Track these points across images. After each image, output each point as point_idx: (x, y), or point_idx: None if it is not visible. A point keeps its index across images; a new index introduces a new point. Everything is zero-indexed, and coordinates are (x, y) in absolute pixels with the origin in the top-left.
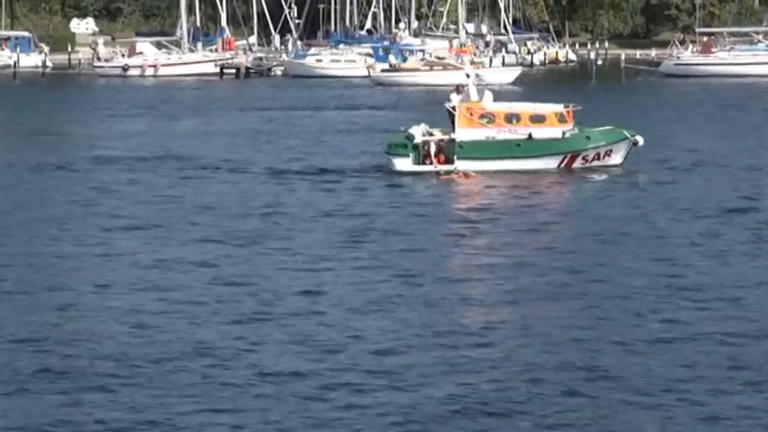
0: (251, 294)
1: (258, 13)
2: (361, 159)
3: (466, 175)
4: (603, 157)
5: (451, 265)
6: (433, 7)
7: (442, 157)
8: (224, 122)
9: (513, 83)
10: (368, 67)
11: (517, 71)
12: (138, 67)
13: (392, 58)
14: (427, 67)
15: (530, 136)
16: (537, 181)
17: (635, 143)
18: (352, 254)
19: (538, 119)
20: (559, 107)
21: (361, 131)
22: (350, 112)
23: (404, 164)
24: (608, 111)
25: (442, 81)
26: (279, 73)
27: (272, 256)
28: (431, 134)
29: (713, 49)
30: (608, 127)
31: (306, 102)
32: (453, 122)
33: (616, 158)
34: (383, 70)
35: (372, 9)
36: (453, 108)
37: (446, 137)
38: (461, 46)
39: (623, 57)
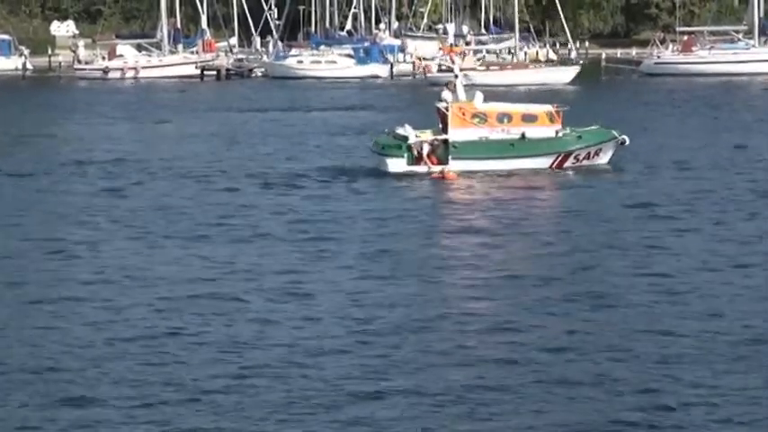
0: (242, 310)
1: (239, 15)
2: (351, 160)
3: (443, 174)
4: (593, 156)
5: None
6: (413, 7)
7: (435, 158)
8: (205, 125)
9: (572, 82)
10: (423, 68)
11: (575, 70)
12: (119, 69)
13: (445, 58)
14: (483, 68)
15: (523, 136)
16: (530, 181)
17: (622, 142)
18: (364, 265)
19: (530, 118)
20: (549, 107)
21: (347, 132)
22: (333, 113)
23: (398, 165)
24: (589, 110)
25: (499, 81)
26: (259, 74)
27: (251, 262)
28: (416, 135)
29: (693, 48)
30: (595, 126)
31: (288, 103)
32: (444, 122)
33: (604, 158)
34: (439, 70)
35: (353, 10)
36: (446, 108)
37: (439, 137)
38: (452, 45)
39: (603, 56)
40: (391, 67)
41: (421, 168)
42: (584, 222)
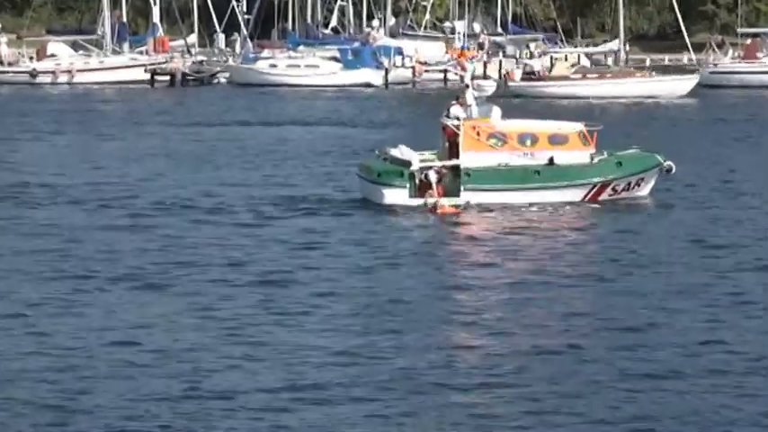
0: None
1: (199, 8)
2: (336, 189)
3: (435, 207)
4: (633, 187)
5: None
6: (414, 1)
7: (441, 188)
8: (155, 142)
9: (689, 95)
10: (505, 75)
11: (694, 80)
12: (50, 72)
13: (531, 63)
14: (579, 75)
15: (551, 161)
16: (559, 217)
17: (668, 170)
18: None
19: (558, 140)
20: (580, 126)
21: (331, 154)
22: (314, 130)
23: (397, 196)
24: (627, 129)
25: (598, 93)
26: (223, 80)
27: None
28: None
29: (759, 54)
30: (633, 150)
31: (257, 116)
32: (453, 144)
33: (645, 189)
34: (523, 78)
35: (339, 2)
36: (456, 126)
37: (448, 163)
38: (463, 48)
39: (648, 62)
40: (386, 74)
41: (423, 201)
42: (625, 274)
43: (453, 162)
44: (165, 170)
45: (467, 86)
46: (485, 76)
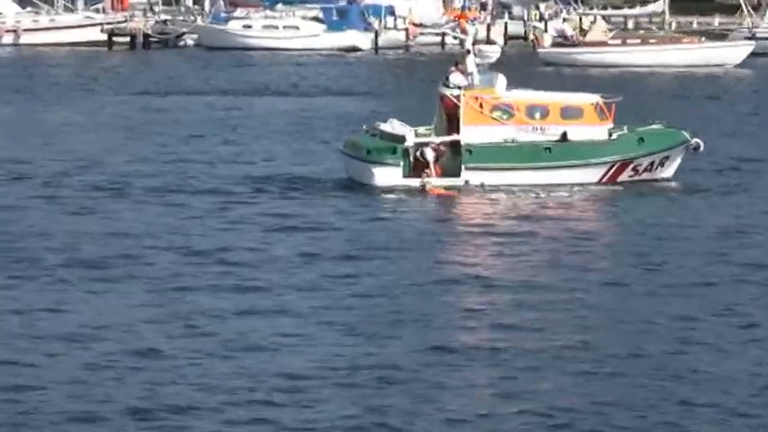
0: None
1: None
2: (320, 168)
3: (424, 187)
4: (656, 167)
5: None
6: None
7: (440, 168)
8: (112, 112)
9: (743, 64)
10: (533, 39)
11: (749, 47)
12: None
13: (561, 27)
14: (618, 41)
15: (564, 137)
16: (572, 201)
17: (695, 148)
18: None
19: (572, 113)
20: (596, 97)
21: (314, 127)
22: (294, 101)
23: (390, 176)
24: (649, 103)
25: (641, 61)
26: (191, 43)
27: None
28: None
29: None
30: (657, 125)
31: (229, 84)
32: (450, 116)
33: (670, 169)
34: (554, 44)
35: None
36: (457, 97)
37: (447, 139)
38: (463, 9)
39: (674, 26)
40: (375, 36)
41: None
42: (647, 268)
43: (453, 138)
44: (123, 144)
45: (468, 52)
46: (488, 41)
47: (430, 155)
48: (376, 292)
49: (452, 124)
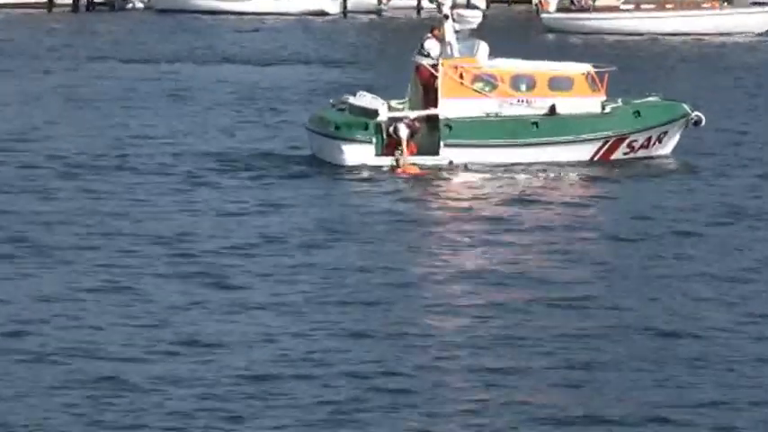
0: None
1: None
2: (284, 145)
3: (398, 166)
4: (654, 143)
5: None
6: None
7: (415, 145)
8: (53, 81)
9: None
10: (537, 4)
11: None
12: None
13: None
14: (631, 6)
15: (552, 110)
16: (561, 180)
17: (696, 122)
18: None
19: (562, 84)
20: (588, 67)
21: (277, 100)
22: (255, 70)
23: (361, 154)
24: (653, 73)
25: (657, 28)
26: (140, 5)
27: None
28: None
29: None
30: (654, 98)
31: (183, 52)
32: (426, 87)
33: (668, 146)
34: (559, 9)
35: None
36: (433, 66)
37: (423, 113)
38: None
39: None
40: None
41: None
42: (643, 255)
43: (430, 112)
44: (65, 117)
45: (446, 17)
46: (468, 5)
47: (403, 132)
48: (344, 282)
49: (429, 97)
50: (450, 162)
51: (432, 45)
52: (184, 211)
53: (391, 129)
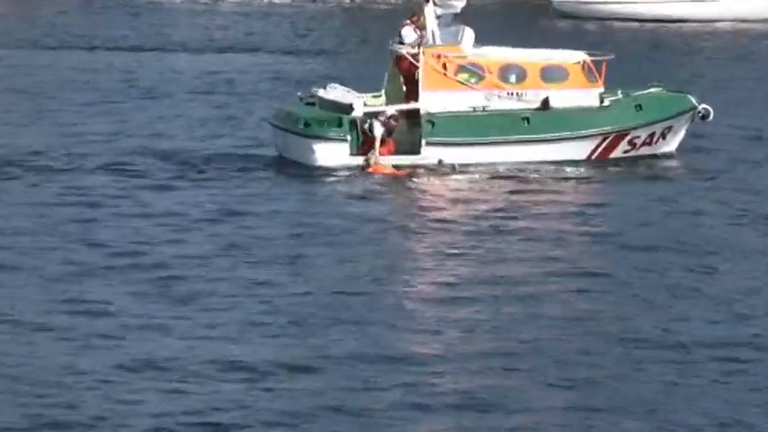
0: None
1: None
2: (248, 143)
3: (368, 165)
4: (657, 139)
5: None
6: None
7: (393, 143)
8: None
9: None
10: None
11: None
12: None
13: None
14: None
15: (545, 103)
16: (556, 182)
17: (703, 116)
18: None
19: (555, 75)
20: (583, 55)
21: (240, 92)
22: (214, 59)
23: (335, 153)
24: (653, 62)
25: (682, 13)
26: None
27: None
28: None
29: None
30: (656, 88)
31: (134, 38)
32: (406, 79)
33: (672, 143)
34: None
35: None
36: (413, 56)
37: (401, 107)
38: None
39: None
40: None
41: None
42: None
43: (410, 106)
44: (3, 111)
45: (426, 1)
46: None
47: (378, 130)
48: (311, 298)
49: (409, 90)
50: (440, 162)
51: (408, 32)
52: (133, 216)
53: (366, 126)
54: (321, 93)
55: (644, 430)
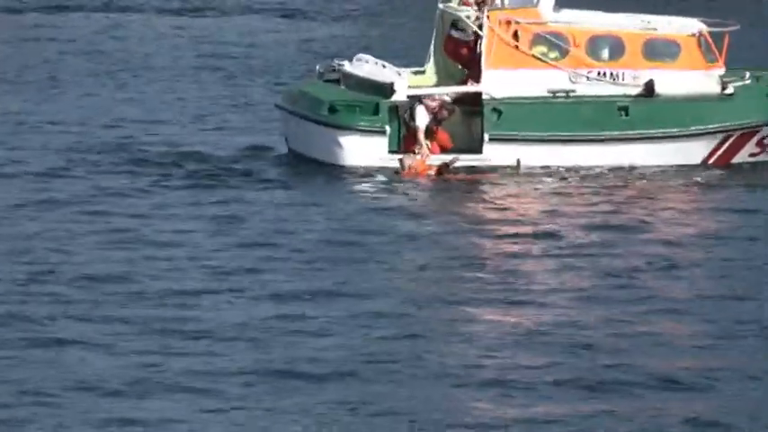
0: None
1: None
2: (250, 138)
3: (405, 166)
4: None
5: None
6: None
7: (446, 137)
8: None
9: None
10: None
11: None
12: None
13: None
14: None
15: (649, 89)
16: (666, 194)
17: None
18: None
19: (662, 50)
20: (699, 25)
21: (235, 70)
22: (204, 25)
23: (368, 151)
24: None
25: None
26: None
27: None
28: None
29: None
30: None
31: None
32: (464, 56)
33: None
34: None
35: None
36: (477, 18)
37: (460, 89)
38: None
39: None
40: None
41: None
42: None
43: (469, 88)
44: None
45: None
46: None
47: (422, 117)
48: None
49: (469, 66)
50: (518, 163)
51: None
52: (96, 233)
53: (406, 114)
54: (348, 67)
55: None
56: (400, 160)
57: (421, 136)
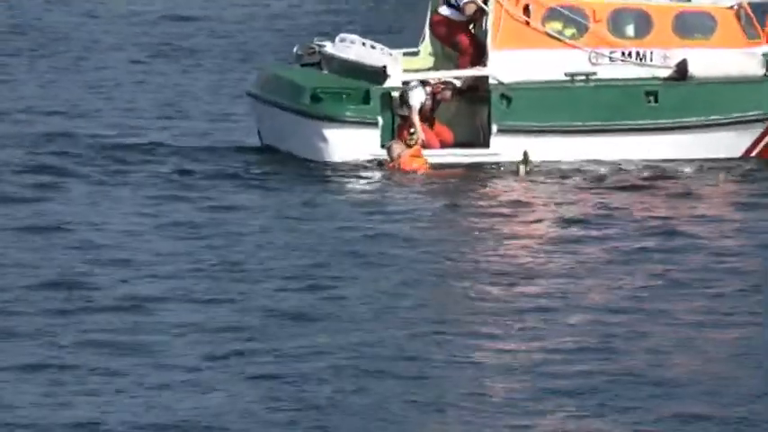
0: None
1: None
2: (220, 128)
3: (393, 161)
4: None
5: None
6: None
7: (444, 129)
8: None
9: None
10: None
11: None
12: None
13: None
14: None
15: (682, 70)
16: (682, 195)
17: None
18: None
19: (696, 26)
20: None
21: (203, 50)
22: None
23: (356, 144)
24: None
25: None
26: None
27: None
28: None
29: None
30: None
31: None
32: (462, 35)
33: None
34: None
35: None
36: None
37: (462, 73)
38: None
39: None
40: None
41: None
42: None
43: (473, 72)
44: None
45: None
46: None
47: (417, 96)
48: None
49: (462, 52)
50: (525, 157)
51: None
52: (82, 239)
53: (406, 98)
54: (330, 48)
55: None
56: (388, 148)
57: (415, 117)
